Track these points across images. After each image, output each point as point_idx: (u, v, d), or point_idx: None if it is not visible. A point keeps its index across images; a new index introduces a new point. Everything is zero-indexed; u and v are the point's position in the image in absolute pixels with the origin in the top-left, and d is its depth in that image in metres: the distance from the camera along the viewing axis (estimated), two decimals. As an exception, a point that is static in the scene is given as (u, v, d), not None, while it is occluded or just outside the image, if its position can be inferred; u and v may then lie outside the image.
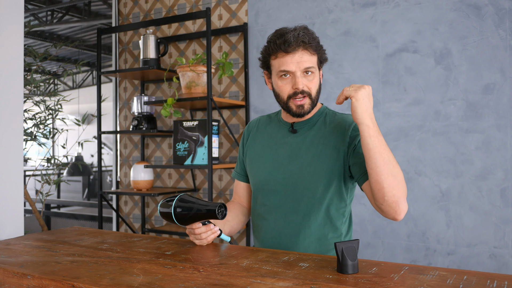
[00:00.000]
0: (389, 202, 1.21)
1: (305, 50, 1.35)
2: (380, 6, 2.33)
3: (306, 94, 1.37)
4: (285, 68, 1.35)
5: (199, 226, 1.32)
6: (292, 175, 1.40)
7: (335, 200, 1.39)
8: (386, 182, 1.19)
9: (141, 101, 2.79)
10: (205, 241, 1.35)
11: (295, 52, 1.34)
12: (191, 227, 1.33)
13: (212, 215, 1.26)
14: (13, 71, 1.82)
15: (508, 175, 2.06)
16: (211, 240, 1.36)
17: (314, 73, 1.38)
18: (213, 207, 1.25)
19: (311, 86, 1.38)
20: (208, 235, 1.33)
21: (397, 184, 1.20)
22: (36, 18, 6.67)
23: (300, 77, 1.35)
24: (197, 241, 1.35)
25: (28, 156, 4.32)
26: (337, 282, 0.99)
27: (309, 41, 1.34)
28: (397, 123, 2.28)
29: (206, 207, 1.26)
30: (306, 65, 1.35)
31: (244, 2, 2.71)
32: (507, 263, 2.06)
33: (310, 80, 1.37)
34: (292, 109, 1.39)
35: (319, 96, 1.44)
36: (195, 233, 1.33)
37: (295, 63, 1.34)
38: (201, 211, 1.27)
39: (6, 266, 1.16)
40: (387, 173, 1.19)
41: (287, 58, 1.34)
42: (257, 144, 1.53)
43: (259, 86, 2.65)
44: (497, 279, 0.99)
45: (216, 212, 1.25)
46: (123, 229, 3.15)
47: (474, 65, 2.13)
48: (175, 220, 1.30)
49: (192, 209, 1.27)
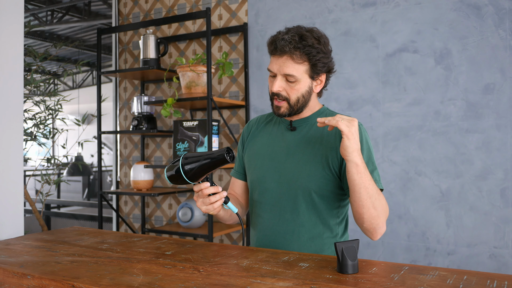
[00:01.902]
0: (366, 228, 1.29)
1: (290, 57, 1.33)
2: (380, 6, 2.33)
3: (283, 98, 1.38)
4: (270, 68, 1.39)
5: (207, 185, 1.25)
6: (288, 173, 1.40)
7: (329, 201, 1.39)
8: (367, 213, 1.26)
9: (141, 101, 2.79)
10: (211, 208, 1.27)
11: (280, 57, 1.36)
12: (199, 187, 1.25)
13: (222, 160, 1.18)
14: (13, 71, 1.82)
15: (508, 175, 2.06)
16: (218, 208, 1.29)
17: (297, 80, 1.36)
18: (221, 152, 1.18)
19: (291, 92, 1.37)
20: (217, 199, 1.26)
21: (377, 215, 1.27)
22: (36, 18, 6.67)
23: (279, 80, 1.36)
24: (204, 207, 1.28)
25: (28, 156, 4.32)
26: (337, 282, 0.99)
27: (295, 48, 1.32)
28: (397, 123, 2.28)
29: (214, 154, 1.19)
30: (286, 71, 1.34)
31: (244, 2, 2.71)
32: (507, 263, 2.06)
33: (291, 86, 1.37)
34: (273, 108, 1.43)
35: (308, 101, 1.41)
36: (203, 193, 1.26)
37: (277, 66, 1.36)
38: (209, 159, 1.19)
39: (6, 266, 1.16)
40: (369, 206, 1.25)
41: (273, 59, 1.38)
42: (256, 141, 1.53)
43: (259, 86, 2.65)
44: (497, 279, 0.99)
45: (224, 155, 1.18)
46: (123, 229, 3.15)
47: (474, 65, 2.13)
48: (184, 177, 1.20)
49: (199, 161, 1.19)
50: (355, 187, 1.24)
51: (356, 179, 1.23)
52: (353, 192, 1.25)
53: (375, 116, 2.33)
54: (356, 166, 1.22)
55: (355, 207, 1.27)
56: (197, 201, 1.29)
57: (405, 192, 2.25)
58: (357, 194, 1.24)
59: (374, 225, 1.28)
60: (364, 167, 1.23)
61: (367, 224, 1.28)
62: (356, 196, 1.25)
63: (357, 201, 1.25)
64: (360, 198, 1.24)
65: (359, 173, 1.22)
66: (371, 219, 1.27)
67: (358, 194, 1.24)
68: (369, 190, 1.24)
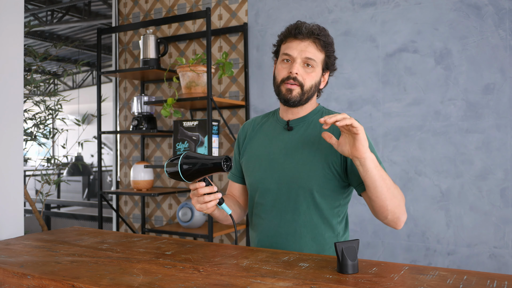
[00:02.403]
0: (390, 219, 1.28)
1: (313, 43, 1.38)
2: (380, 6, 2.33)
3: (298, 83, 1.38)
4: (288, 52, 1.39)
5: (202, 185, 1.26)
6: (287, 173, 1.40)
7: (330, 200, 1.39)
8: (390, 205, 1.25)
9: (141, 101, 2.79)
10: (205, 207, 1.28)
11: (303, 41, 1.38)
12: (195, 186, 1.27)
13: (218, 167, 1.21)
14: (13, 71, 1.82)
15: (508, 175, 2.06)
16: (212, 207, 1.29)
17: (314, 68, 1.39)
18: (219, 160, 1.22)
19: (306, 78, 1.38)
20: (211, 199, 1.27)
21: (399, 204, 1.26)
22: (36, 18, 6.67)
23: (298, 64, 1.38)
24: (198, 205, 1.29)
25: (28, 156, 4.33)
26: (337, 282, 0.99)
27: (318, 35, 1.37)
28: (397, 123, 2.28)
29: (211, 160, 1.23)
30: (308, 55, 1.37)
31: (244, 2, 2.71)
32: (507, 263, 2.06)
33: (308, 72, 1.39)
34: (282, 92, 1.40)
35: (314, 95, 1.43)
36: (198, 193, 1.27)
37: (298, 50, 1.37)
38: (206, 164, 1.23)
39: (6, 266, 1.16)
40: (391, 196, 1.24)
41: (293, 44, 1.39)
42: (253, 143, 1.53)
43: (259, 86, 2.65)
44: (497, 279, 0.99)
45: (221, 164, 1.21)
46: (123, 229, 3.15)
47: (474, 65, 2.13)
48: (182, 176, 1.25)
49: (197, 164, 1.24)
50: (376, 182, 1.21)
51: (375, 174, 1.20)
52: (374, 188, 1.22)
53: (375, 116, 2.33)
54: (373, 161, 1.20)
55: (378, 202, 1.24)
56: (192, 198, 1.30)
57: (405, 192, 2.25)
58: (379, 188, 1.22)
59: (398, 214, 1.27)
60: (376, 160, 1.22)
61: (391, 216, 1.26)
62: (378, 191, 1.22)
63: (379, 196, 1.23)
64: (382, 192, 1.22)
65: (376, 167, 1.21)
66: (394, 209, 1.25)
67: (380, 188, 1.22)
68: (387, 181, 1.23)
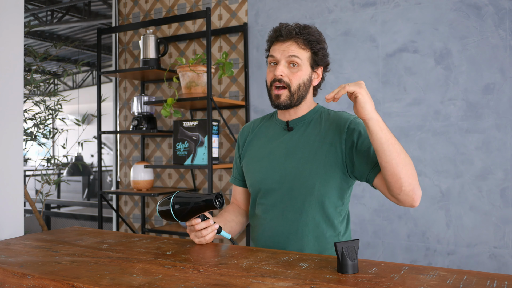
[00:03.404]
0: (406, 191, 1.22)
1: (295, 42, 1.39)
2: (380, 6, 2.33)
3: (285, 84, 1.39)
4: (272, 54, 1.41)
5: (198, 221, 1.32)
6: (288, 173, 1.40)
7: (332, 198, 1.39)
8: (402, 172, 1.20)
9: (141, 101, 2.79)
10: (204, 240, 1.34)
11: (284, 42, 1.39)
12: (191, 223, 1.33)
13: (210, 205, 1.26)
14: (13, 71, 1.82)
15: (508, 175, 2.06)
16: (210, 239, 1.36)
17: (300, 66, 1.39)
18: (210, 197, 1.26)
19: (292, 78, 1.39)
20: (208, 232, 1.33)
21: (412, 173, 1.22)
22: (36, 18, 6.67)
23: (282, 66, 1.39)
24: (197, 239, 1.35)
25: (28, 156, 4.33)
26: (337, 282, 0.99)
27: (298, 34, 1.38)
28: (397, 123, 2.28)
29: (203, 199, 1.28)
30: (291, 53, 1.37)
31: (244, 2, 2.71)
32: (507, 263, 2.06)
33: (294, 72, 1.39)
34: (272, 98, 1.42)
35: (307, 93, 1.43)
36: (195, 229, 1.33)
37: (281, 51, 1.39)
38: (198, 203, 1.28)
39: (6, 266, 1.16)
40: (403, 163, 1.20)
41: (276, 46, 1.41)
42: (253, 145, 1.53)
43: (259, 86, 2.65)
44: (497, 279, 0.99)
45: (213, 201, 1.25)
46: (123, 229, 3.15)
47: (474, 65, 2.13)
48: (175, 217, 1.30)
49: (189, 203, 1.28)
50: (383, 146, 1.18)
51: (382, 137, 1.18)
52: (382, 152, 1.19)
53: (375, 116, 2.33)
54: (378, 122, 1.18)
55: (389, 169, 1.20)
56: (190, 234, 1.36)
57: (405, 192, 2.25)
58: (387, 152, 1.19)
59: (413, 185, 1.22)
60: (383, 123, 1.20)
61: (406, 186, 1.21)
62: (387, 155, 1.19)
63: (389, 161, 1.19)
64: (392, 156, 1.19)
65: (382, 130, 1.18)
66: (408, 179, 1.20)
67: (389, 152, 1.19)
68: (396, 147, 1.20)
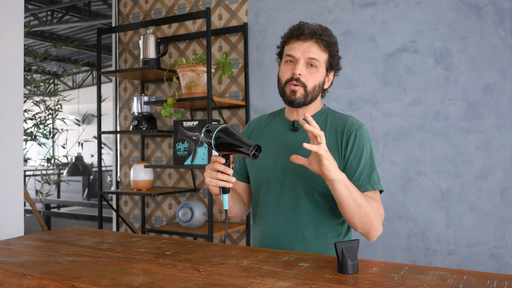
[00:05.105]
0: (361, 232, 1.33)
1: (316, 43, 1.38)
2: (380, 6, 2.33)
3: (301, 84, 1.38)
4: (291, 53, 1.39)
5: (222, 161, 1.26)
6: (291, 173, 1.40)
7: (333, 199, 1.39)
8: (358, 222, 1.29)
9: (141, 101, 2.79)
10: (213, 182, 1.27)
11: (305, 41, 1.38)
12: (216, 159, 1.27)
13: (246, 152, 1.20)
14: (13, 71, 1.82)
15: (508, 175, 2.06)
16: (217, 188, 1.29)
17: (318, 68, 1.39)
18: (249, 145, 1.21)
19: (310, 78, 1.39)
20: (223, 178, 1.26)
21: (369, 221, 1.29)
22: (36, 18, 6.67)
23: (301, 65, 1.38)
24: (208, 178, 1.28)
25: (28, 156, 4.33)
26: (337, 282, 0.99)
27: (321, 35, 1.38)
28: (397, 123, 2.28)
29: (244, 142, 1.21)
30: (311, 56, 1.37)
31: (244, 2, 2.71)
32: (507, 263, 2.06)
33: (311, 73, 1.39)
34: (286, 93, 1.41)
35: (318, 95, 1.44)
36: (214, 167, 1.26)
37: (301, 51, 1.38)
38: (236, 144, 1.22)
39: (6, 266, 1.16)
40: (360, 214, 1.27)
41: (296, 45, 1.39)
42: (258, 142, 1.53)
43: (259, 86, 2.65)
44: (497, 279, 0.99)
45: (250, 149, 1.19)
46: (123, 229, 3.15)
47: (474, 65, 2.13)
48: (213, 139, 1.25)
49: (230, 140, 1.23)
50: (344, 202, 1.25)
51: (345, 194, 1.23)
52: (342, 206, 1.27)
53: (375, 116, 2.33)
54: (342, 182, 1.22)
55: (346, 218, 1.30)
56: (206, 170, 1.30)
57: (405, 192, 2.25)
58: (347, 207, 1.26)
59: (368, 229, 1.31)
60: (348, 180, 1.24)
61: (360, 230, 1.32)
62: (346, 209, 1.26)
63: (346, 213, 1.27)
64: (350, 210, 1.26)
65: (346, 187, 1.23)
66: (363, 226, 1.29)
67: (348, 207, 1.26)
68: (357, 201, 1.25)
